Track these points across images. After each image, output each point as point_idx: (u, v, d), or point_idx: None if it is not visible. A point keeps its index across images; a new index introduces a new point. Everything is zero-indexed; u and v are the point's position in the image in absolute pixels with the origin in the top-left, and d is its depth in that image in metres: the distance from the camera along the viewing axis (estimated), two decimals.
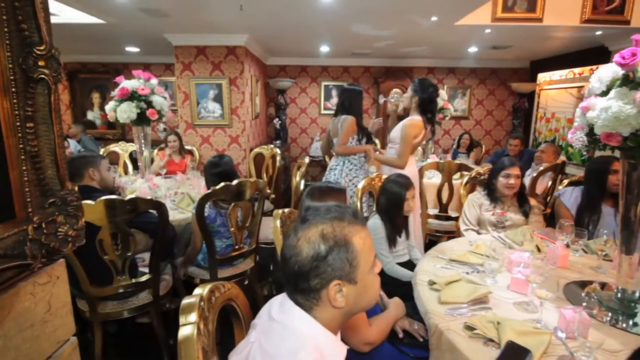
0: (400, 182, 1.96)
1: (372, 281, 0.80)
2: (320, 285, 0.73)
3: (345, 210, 0.79)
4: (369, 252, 0.78)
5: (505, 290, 1.37)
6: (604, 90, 1.22)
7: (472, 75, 5.95)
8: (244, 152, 4.41)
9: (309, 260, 0.72)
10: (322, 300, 0.74)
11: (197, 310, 0.73)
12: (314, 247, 0.73)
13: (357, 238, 0.76)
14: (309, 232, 0.74)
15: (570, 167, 4.30)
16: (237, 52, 4.25)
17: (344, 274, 0.74)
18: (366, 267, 0.77)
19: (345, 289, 0.75)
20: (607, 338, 1.08)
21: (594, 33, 3.71)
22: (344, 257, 0.73)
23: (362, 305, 0.80)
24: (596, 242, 1.68)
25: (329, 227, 0.74)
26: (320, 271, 0.72)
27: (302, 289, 0.74)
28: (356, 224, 0.78)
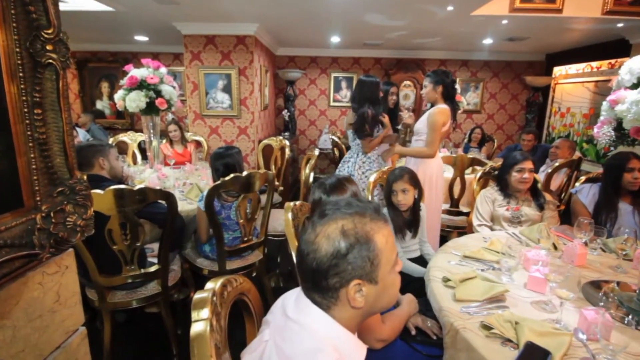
0: (395, 174, 1.91)
1: (393, 281, 0.76)
2: (340, 285, 0.70)
3: (367, 205, 0.75)
4: (391, 250, 0.74)
5: (522, 289, 1.33)
6: (635, 82, 1.16)
7: (486, 68, 5.82)
8: (252, 143, 4.39)
9: (328, 258, 0.69)
10: (340, 300, 0.71)
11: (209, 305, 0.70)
12: (334, 244, 0.69)
13: (380, 235, 0.72)
14: (329, 228, 0.70)
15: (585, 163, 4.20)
16: (246, 42, 4.20)
17: (364, 273, 0.70)
18: (387, 267, 0.73)
19: (365, 289, 0.71)
20: (630, 341, 1.04)
21: (615, 25, 3.58)
22: (365, 255, 0.69)
23: (382, 306, 0.77)
24: (616, 241, 1.62)
25: (350, 223, 0.71)
26: (340, 270, 0.69)
27: (320, 287, 0.71)
28: (378, 220, 0.74)
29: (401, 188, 1.86)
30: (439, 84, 2.53)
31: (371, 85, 2.70)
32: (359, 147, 2.75)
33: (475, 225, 2.22)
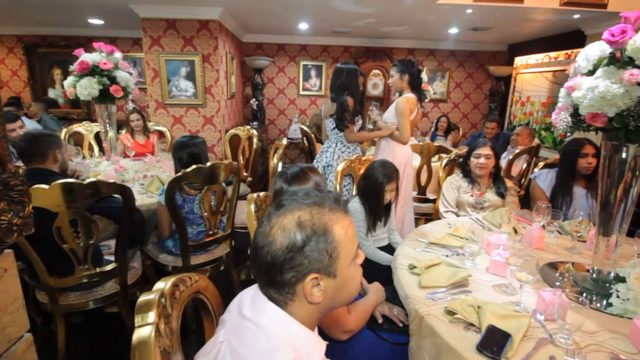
0: (384, 172, 1.85)
1: (354, 274, 0.73)
2: (296, 279, 0.66)
3: (327, 195, 0.71)
4: (351, 242, 0.71)
5: (484, 273, 1.36)
6: (591, 69, 1.19)
7: (452, 57, 5.93)
8: (219, 133, 4.24)
9: (283, 251, 0.64)
10: (297, 295, 0.67)
11: (156, 308, 0.64)
12: (289, 236, 0.65)
13: (339, 227, 0.68)
14: (285, 219, 0.66)
15: (543, 150, 4.40)
16: (210, 27, 4.01)
17: (322, 266, 0.66)
18: (347, 259, 0.70)
19: (323, 283, 0.68)
20: (584, 319, 1.08)
21: (572, 16, 3.72)
22: (322, 248, 0.66)
23: (342, 300, 0.74)
24: (571, 224, 1.70)
25: (306, 214, 0.67)
26: (296, 263, 0.65)
27: (275, 282, 0.66)
28: (338, 210, 0.70)
29: (391, 188, 1.87)
30: (405, 73, 2.55)
31: (349, 72, 2.65)
32: (338, 136, 2.71)
33: (442, 212, 2.26)
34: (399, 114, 2.54)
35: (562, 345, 0.98)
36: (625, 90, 1.05)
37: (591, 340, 1.01)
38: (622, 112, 1.07)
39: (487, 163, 2.14)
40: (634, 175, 1.17)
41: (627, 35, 1.08)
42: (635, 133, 1.08)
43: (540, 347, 0.97)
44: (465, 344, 0.97)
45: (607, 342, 1.00)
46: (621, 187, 1.17)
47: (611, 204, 1.20)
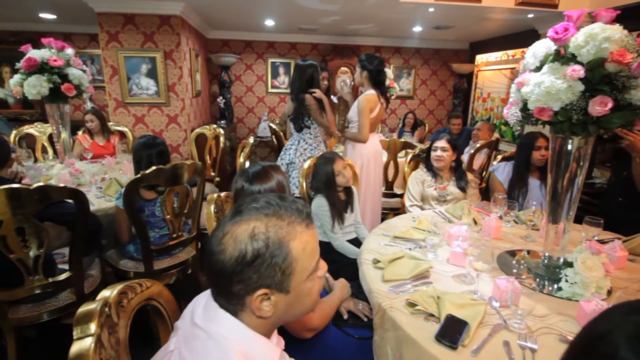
0: (326, 157, 2.00)
1: (310, 289, 0.69)
2: (244, 292, 0.63)
3: (290, 205, 0.67)
4: (309, 258, 0.67)
5: (445, 264, 1.40)
6: (538, 65, 1.25)
7: (417, 55, 6.06)
8: (184, 132, 4.11)
9: (232, 263, 0.61)
10: (246, 307, 0.64)
11: (96, 319, 0.60)
12: (240, 248, 0.61)
13: (297, 242, 0.65)
14: (239, 229, 0.63)
15: (503, 144, 4.60)
16: (171, 23, 3.87)
17: (273, 282, 0.63)
18: (303, 275, 0.66)
19: (275, 298, 0.65)
20: (535, 304, 1.14)
21: (527, 16, 3.91)
22: (275, 263, 0.62)
23: (296, 314, 0.71)
24: (525, 213, 1.78)
25: (262, 225, 0.63)
26: (244, 277, 0.61)
27: (224, 291, 0.64)
28: (300, 223, 0.66)
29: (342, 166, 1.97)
30: (364, 70, 2.59)
31: (308, 68, 2.65)
32: (301, 134, 2.72)
33: (408, 206, 2.31)
34: (358, 112, 2.58)
35: (516, 330, 1.02)
36: (568, 85, 1.10)
37: (542, 324, 1.06)
38: (566, 106, 1.12)
39: (444, 155, 2.21)
40: (578, 165, 1.24)
41: (569, 33, 1.14)
42: (578, 126, 1.14)
43: (495, 332, 1.01)
44: (425, 334, 1.00)
45: (556, 325, 1.06)
46: (567, 177, 1.24)
47: (559, 193, 1.26)
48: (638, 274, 1.37)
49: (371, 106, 2.57)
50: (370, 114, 2.57)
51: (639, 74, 1.07)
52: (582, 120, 1.12)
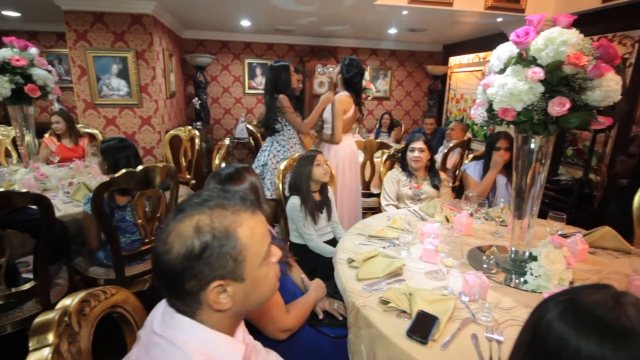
0: (306, 157, 2.01)
1: (266, 274, 0.70)
2: (198, 288, 0.62)
3: (232, 195, 0.67)
4: (259, 242, 0.68)
5: (418, 261, 1.43)
6: (502, 68, 1.30)
7: (393, 57, 6.16)
8: (158, 134, 4.01)
9: (181, 260, 0.60)
10: (203, 304, 0.64)
11: (54, 329, 0.58)
12: (186, 244, 0.61)
13: (244, 228, 0.65)
14: (182, 225, 0.62)
15: (476, 143, 4.74)
16: (143, 22, 3.77)
17: (226, 272, 0.63)
18: (256, 261, 0.67)
19: (231, 289, 0.64)
20: (502, 297, 1.18)
21: (495, 20, 4.05)
22: (225, 252, 0.62)
23: (256, 301, 0.71)
24: (494, 210, 1.85)
25: (206, 218, 0.63)
26: (196, 271, 0.61)
27: (178, 292, 0.63)
28: (244, 211, 0.67)
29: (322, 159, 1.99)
30: (339, 73, 2.63)
31: (281, 69, 2.64)
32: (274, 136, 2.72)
33: (383, 205, 2.34)
34: (332, 114, 2.61)
35: (483, 323, 1.06)
36: (529, 87, 1.15)
37: (508, 316, 1.10)
38: (528, 106, 1.17)
39: (421, 156, 2.26)
40: (541, 163, 1.30)
41: (529, 37, 1.19)
42: (539, 125, 1.20)
43: (464, 326, 1.04)
44: (397, 330, 1.02)
45: (521, 316, 1.10)
46: (530, 174, 1.29)
47: (523, 190, 1.32)
48: (598, 266, 1.44)
49: (344, 107, 2.60)
50: (343, 116, 2.60)
51: (594, 76, 1.13)
52: (542, 120, 1.17)
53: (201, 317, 0.64)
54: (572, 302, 0.52)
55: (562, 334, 0.49)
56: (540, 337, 0.52)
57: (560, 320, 0.50)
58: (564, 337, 0.49)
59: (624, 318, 0.47)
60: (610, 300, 0.50)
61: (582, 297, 0.52)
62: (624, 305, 0.49)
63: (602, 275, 1.36)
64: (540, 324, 0.53)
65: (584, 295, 0.52)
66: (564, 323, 0.50)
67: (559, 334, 0.50)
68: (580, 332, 0.48)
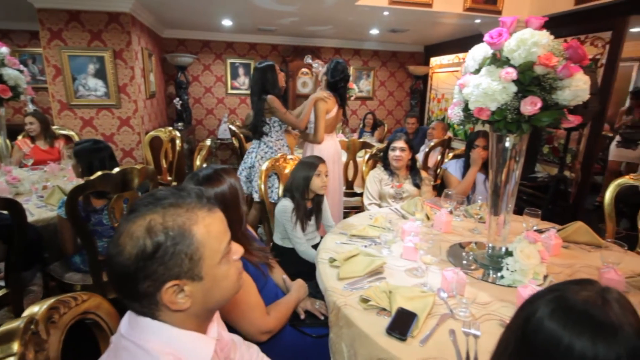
0: (308, 162, 1.94)
1: (227, 272, 0.68)
2: (153, 289, 0.61)
3: (187, 194, 0.66)
4: (217, 240, 0.66)
5: (398, 259, 1.45)
6: (477, 68, 1.32)
7: (375, 57, 6.22)
8: (137, 136, 3.92)
9: (133, 261, 0.59)
10: (161, 305, 0.62)
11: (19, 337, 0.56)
12: (138, 244, 0.59)
13: (200, 226, 0.64)
14: (134, 226, 0.60)
15: (456, 142, 4.83)
16: (121, 20, 3.69)
17: (182, 271, 0.62)
18: (215, 258, 0.66)
19: (189, 288, 0.63)
20: (479, 292, 1.21)
21: (474, 21, 4.14)
22: (179, 251, 0.61)
23: (218, 300, 0.69)
24: (473, 207, 1.89)
25: (159, 217, 0.61)
26: (150, 272, 0.60)
27: (133, 294, 0.61)
28: (200, 208, 0.65)
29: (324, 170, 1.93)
30: (326, 76, 2.66)
31: (266, 69, 2.62)
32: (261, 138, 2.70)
33: (366, 205, 2.36)
34: (315, 115, 2.61)
35: (461, 318, 1.08)
36: (503, 87, 1.18)
37: (485, 311, 1.12)
38: (502, 106, 1.20)
39: (402, 155, 2.29)
40: (515, 161, 1.33)
41: (503, 38, 1.22)
42: (513, 124, 1.23)
43: (443, 322, 1.06)
44: (377, 328, 1.02)
45: (497, 311, 1.13)
46: (505, 172, 1.33)
47: (498, 187, 1.35)
48: (571, 260, 1.49)
49: (327, 108, 2.61)
50: (326, 116, 2.60)
51: (564, 76, 1.16)
52: (516, 119, 1.20)
53: (163, 317, 0.63)
54: (563, 301, 0.53)
55: (553, 332, 0.50)
56: (530, 336, 0.53)
57: (552, 319, 0.51)
58: (555, 335, 0.50)
59: (612, 315, 0.49)
60: (598, 297, 0.51)
61: (571, 295, 0.53)
62: (610, 302, 0.51)
63: (575, 269, 1.41)
64: (530, 322, 0.54)
65: (573, 293, 0.53)
66: (555, 322, 0.51)
67: (550, 332, 0.51)
68: (572, 330, 0.49)
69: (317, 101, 2.62)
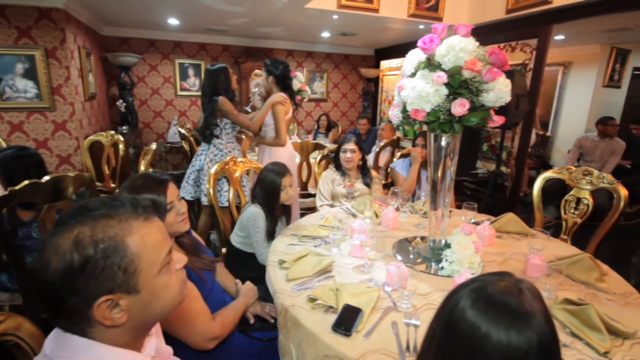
0: (276, 170, 1.88)
1: (167, 283, 0.66)
2: (84, 305, 0.57)
3: (121, 203, 0.63)
4: (154, 250, 0.64)
5: (347, 257, 1.48)
6: (413, 72, 1.40)
7: (328, 59, 6.31)
8: (75, 140, 3.65)
9: (59, 276, 0.56)
10: (94, 321, 0.59)
11: None
12: (64, 259, 0.56)
13: (135, 237, 0.61)
14: (60, 239, 0.57)
15: (406, 141, 5.04)
16: (53, 16, 3.41)
17: (115, 285, 0.59)
18: (153, 269, 0.63)
19: (125, 302, 0.60)
20: (420, 284, 1.28)
21: (418, 27, 4.35)
22: (112, 264, 0.58)
23: (158, 312, 0.66)
24: (417, 203, 1.98)
25: (88, 229, 0.58)
26: (79, 287, 0.57)
27: (61, 312, 0.58)
28: (135, 218, 0.63)
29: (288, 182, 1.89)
30: (270, 74, 2.62)
31: (219, 71, 2.56)
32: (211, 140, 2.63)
33: (318, 206, 2.39)
34: (274, 117, 2.59)
35: (403, 310, 1.13)
36: (435, 90, 1.26)
37: (425, 301, 1.19)
38: (435, 107, 1.28)
39: (353, 157, 2.35)
40: (450, 158, 1.42)
41: (434, 44, 1.30)
42: (446, 124, 1.31)
43: (386, 315, 1.11)
44: (323, 326, 1.04)
45: (437, 300, 1.19)
46: (441, 169, 1.41)
47: (436, 183, 1.43)
48: (503, 248, 1.62)
49: (286, 109, 2.62)
50: (285, 117, 2.61)
51: (488, 80, 1.26)
52: (448, 120, 1.28)
53: (94, 335, 0.60)
54: (483, 291, 0.57)
55: (473, 320, 0.54)
56: (454, 324, 0.57)
57: (472, 308, 0.55)
58: (475, 323, 0.54)
59: (525, 304, 0.54)
60: (514, 287, 0.56)
61: (490, 286, 0.57)
62: (523, 292, 0.55)
63: (506, 257, 1.54)
64: (454, 312, 0.57)
65: (492, 284, 0.57)
66: (475, 311, 0.55)
67: (471, 320, 0.54)
68: (490, 318, 0.53)
69: (274, 104, 2.59)
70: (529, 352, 0.51)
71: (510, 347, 0.51)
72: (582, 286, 1.30)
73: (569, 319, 1.07)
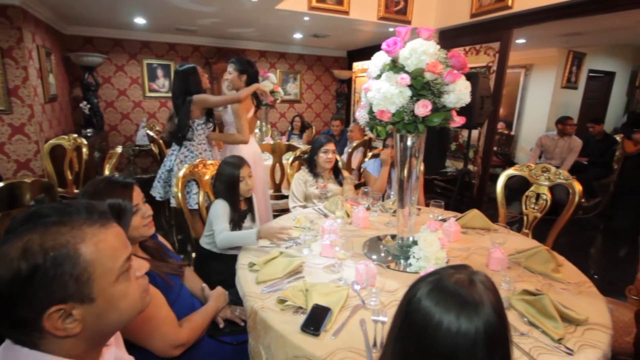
0: (233, 162, 1.88)
1: (125, 291, 0.64)
2: (35, 315, 0.55)
3: (75, 209, 0.61)
4: (110, 257, 0.62)
5: (318, 257, 1.49)
6: (379, 74, 1.43)
7: (301, 61, 6.32)
8: (35, 145, 3.46)
9: (7, 285, 0.54)
10: (46, 332, 0.57)
11: None
12: (12, 267, 0.54)
13: (89, 244, 0.59)
14: (9, 247, 0.55)
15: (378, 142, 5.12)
16: (9, 14, 3.22)
17: (67, 294, 0.57)
18: (109, 277, 0.61)
19: (78, 311, 0.58)
20: (388, 281, 1.31)
21: (388, 29, 4.43)
22: (63, 273, 0.56)
23: (116, 321, 0.65)
24: (387, 202, 2.03)
25: (37, 237, 0.56)
26: (28, 297, 0.55)
27: (10, 323, 0.56)
28: (90, 225, 0.61)
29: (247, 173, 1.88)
30: (243, 73, 2.60)
31: (188, 72, 2.51)
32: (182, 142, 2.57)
33: (291, 208, 2.39)
34: (234, 114, 2.57)
35: (372, 307, 1.15)
36: (399, 91, 1.29)
37: (393, 297, 1.22)
38: (400, 108, 1.31)
39: (333, 157, 2.38)
40: (415, 157, 1.46)
41: (397, 47, 1.34)
42: (410, 125, 1.35)
43: (355, 313, 1.13)
44: (292, 327, 1.05)
45: None
46: (407, 168, 1.45)
47: (402, 181, 1.47)
48: (467, 244, 1.68)
49: (247, 107, 2.59)
50: (246, 115, 2.59)
51: (449, 82, 1.31)
52: (412, 120, 1.32)
53: (46, 346, 0.58)
54: (438, 282, 0.60)
55: (428, 310, 0.57)
56: (411, 314, 0.60)
57: (427, 298, 0.58)
58: (429, 312, 0.57)
59: (475, 294, 0.57)
60: (467, 279, 0.60)
61: (445, 278, 0.60)
62: (475, 283, 0.59)
63: (471, 252, 1.60)
64: (411, 302, 0.61)
65: (448, 276, 0.61)
66: (430, 300, 0.58)
67: (425, 310, 0.58)
68: (442, 307, 0.56)
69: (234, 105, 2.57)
70: (476, 338, 0.55)
71: (459, 334, 0.55)
72: (539, 277, 1.37)
73: (527, 309, 1.12)
